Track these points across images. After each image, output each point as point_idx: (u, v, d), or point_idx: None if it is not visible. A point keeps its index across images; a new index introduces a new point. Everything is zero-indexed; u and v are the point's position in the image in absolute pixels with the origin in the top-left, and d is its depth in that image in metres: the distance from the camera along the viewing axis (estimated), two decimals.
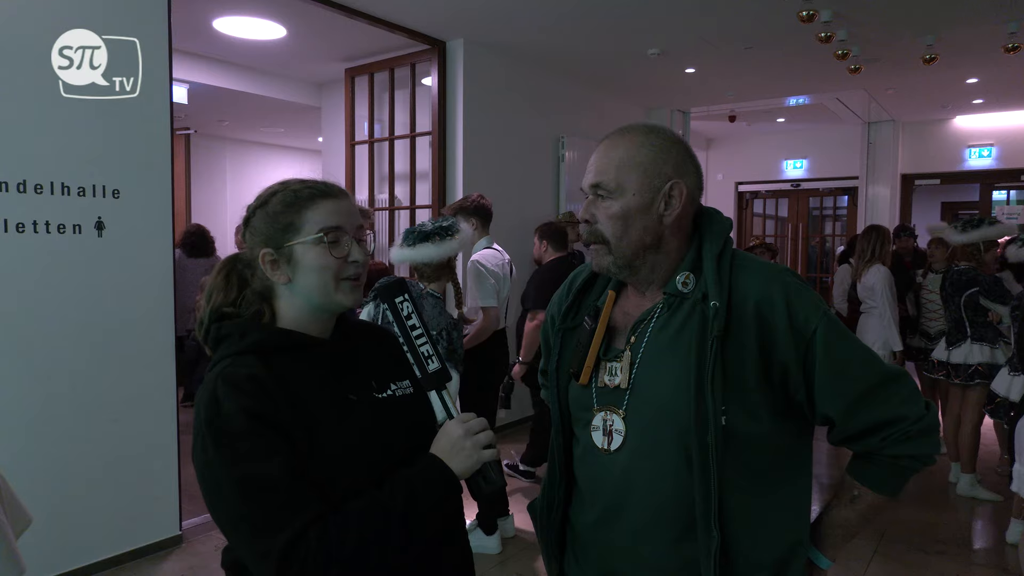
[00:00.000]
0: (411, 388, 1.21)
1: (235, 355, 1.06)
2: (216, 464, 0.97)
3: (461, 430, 1.08)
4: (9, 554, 1.63)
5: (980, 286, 4.02)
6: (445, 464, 1.06)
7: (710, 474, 1.03)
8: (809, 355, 1.06)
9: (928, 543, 3.50)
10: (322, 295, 1.10)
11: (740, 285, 1.09)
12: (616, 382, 1.13)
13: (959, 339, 4.17)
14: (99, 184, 3.04)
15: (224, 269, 1.17)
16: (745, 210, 9.98)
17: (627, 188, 1.12)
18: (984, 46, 5.08)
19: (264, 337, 1.09)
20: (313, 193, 1.12)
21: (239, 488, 0.96)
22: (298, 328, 1.11)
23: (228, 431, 0.97)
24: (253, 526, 0.95)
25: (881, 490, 1.13)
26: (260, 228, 1.11)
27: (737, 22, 4.60)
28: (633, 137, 1.15)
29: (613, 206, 1.12)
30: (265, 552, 0.94)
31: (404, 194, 5.40)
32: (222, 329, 1.10)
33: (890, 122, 8.22)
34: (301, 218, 1.09)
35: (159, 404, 3.31)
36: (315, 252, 1.09)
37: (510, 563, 3.26)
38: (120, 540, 3.17)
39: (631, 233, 1.12)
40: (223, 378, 1.02)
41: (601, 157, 1.15)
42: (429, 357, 1.11)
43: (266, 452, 0.97)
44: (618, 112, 6.68)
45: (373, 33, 4.66)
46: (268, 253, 1.10)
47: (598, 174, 1.14)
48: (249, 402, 0.99)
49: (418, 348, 1.11)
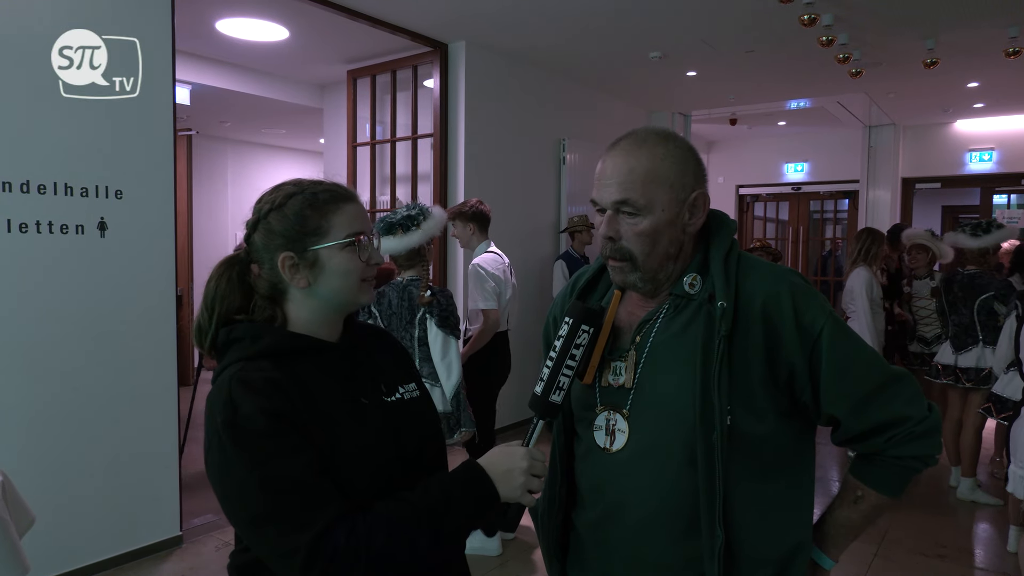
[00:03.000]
0: (417, 391, 1.21)
1: (247, 359, 1.05)
2: (237, 464, 0.96)
3: (525, 463, 1.05)
4: (14, 553, 1.64)
5: (995, 290, 4.03)
6: (492, 482, 1.04)
7: (715, 473, 1.04)
8: (815, 355, 1.07)
9: (929, 546, 3.50)
10: (347, 296, 1.11)
11: (747, 286, 1.09)
12: (621, 381, 1.14)
13: (969, 343, 4.15)
14: (102, 185, 3.05)
15: (225, 274, 1.13)
16: (746, 213, 9.99)
17: (656, 205, 1.08)
18: (985, 50, 5.09)
19: (278, 340, 1.08)
20: (334, 196, 1.11)
21: (263, 487, 0.95)
22: (309, 331, 1.11)
23: (248, 431, 0.97)
24: (278, 525, 0.95)
25: (884, 490, 1.13)
26: (278, 230, 1.09)
27: (738, 25, 4.61)
28: (653, 148, 1.10)
29: (642, 223, 1.09)
30: (292, 550, 0.93)
31: (405, 196, 5.40)
32: (233, 332, 1.08)
33: (891, 126, 8.22)
34: (328, 222, 1.09)
35: (160, 405, 3.31)
36: (343, 256, 1.08)
37: (511, 564, 3.26)
38: (120, 540, 3.18)
39: (659, 248, 1.11)
40: (237, 380, 1.00)
41: (622, 170, 1.09)
42: (560, 389, 1.09)
43: (288, 451, 0.97)
44: (619, 114, 6.69)
45: (375, 35, 4.67)
46: (289, 257, 1.08)
47: (623, 190, 1.08)
48: (267, 403, 0.98)
49: (559, 375, 1.09)
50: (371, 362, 1.18)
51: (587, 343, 1.10)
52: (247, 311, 1.12)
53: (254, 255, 1.13)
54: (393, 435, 1.10)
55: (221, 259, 1.16)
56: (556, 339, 1.11)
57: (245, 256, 1.14)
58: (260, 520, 0.96)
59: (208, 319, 1.11)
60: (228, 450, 0.97)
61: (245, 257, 1.14)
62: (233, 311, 1.12)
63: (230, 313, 1.11)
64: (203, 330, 1.11)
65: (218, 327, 1.10)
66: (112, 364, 3.12)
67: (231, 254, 1.17)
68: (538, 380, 1.11)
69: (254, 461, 0.96)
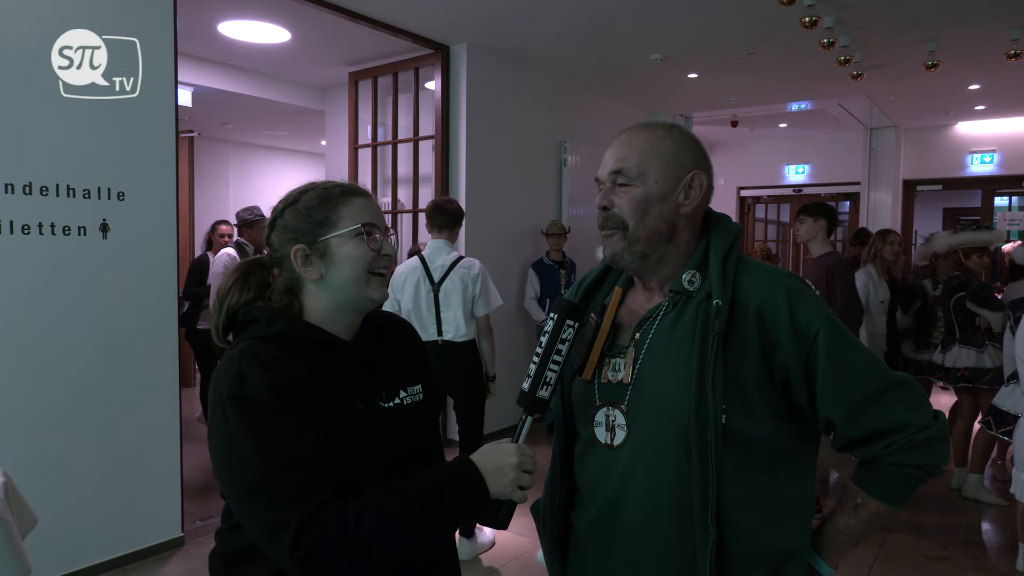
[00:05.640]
0: (421, 395, 1.22)
1: (259, 339, 1.06)
2: (239, 433, 0.98)
3: (515, 459, 1.07)
4: (17, 553, 1.64)
5: (968, 291, 4.10)
6: (482, 477, 1.05)
7: (709, 470, 1.04)
8: (811, 358, 1.06)
9: (930, 549, 3.50)
10: (355, 288, 1.11)
11: (744, 286, 1.10)
12: (619, 377, 1.14)
13: (949, 343, 4.28)
14: (104, 186, 3.05)
15: (242, 269, 1.17)
16: (747, 215, 9.99)
17: (649, 175, 1.13)
18: (986, 52, 5.09)
19: (291, 327, 1.09)
20: (345, 191, 1.14)
21: (263, 459, 0.96)
22: (323, 325, 1.12)
23: (255, 402, 0.98)
24: (272, 498, 0.96)
25: (884, 499, 1.11)
26: (291, 225, 1.12)
27: (739, 28, 4.61)
28: (655, 130, 1.16)
29: (633, 192, 1.13)
30: (282, 524, 0.94)
31: (407, 197, 5.42)
32: (251, 312, 1.10)
33: (892, 128, 8.22)
34: (336, 213, 1.11)
35: (162, 406, 3.31)
36: (351, 244, 1.10)
37: (510, 565, 3.26)
38: (122, 542, 3.18)
39: (648, 219, 1.13)
40: (248, 354, 1.02)
41: (622, 146, 1.15)
42: (547, 384, 1.10)
43: (291, 428, 0.98)
44: (621, 116, 6.69)
45: (377, 37, 4.68)
46: (301, 249, 1.10)
47: (619, 161, 1.14)
48: (276, 379, 1.00)
49: (546, 369, 1.10)
50: (378, 365, 1.18)
51: (572, 338, 1.11)
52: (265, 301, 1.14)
53: (274, 257, 1.15)
54: (385, 442, 1.11)
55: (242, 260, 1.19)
56: (542, 335, 1.13)
57: (268, 259, 1.17)
58: (255, 490, 0.97)
59: (218, 312, 1.13)
60: (231, 420, 0.98)
61: (268, 260, 1.17)
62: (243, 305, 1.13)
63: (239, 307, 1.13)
64: (214, 323, 1.14)
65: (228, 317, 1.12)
66: (114, 365, 3.13)
67: (255, 257, 1.20)
68: (525, 376, 1.12)
69: (256, 432, 0.97)
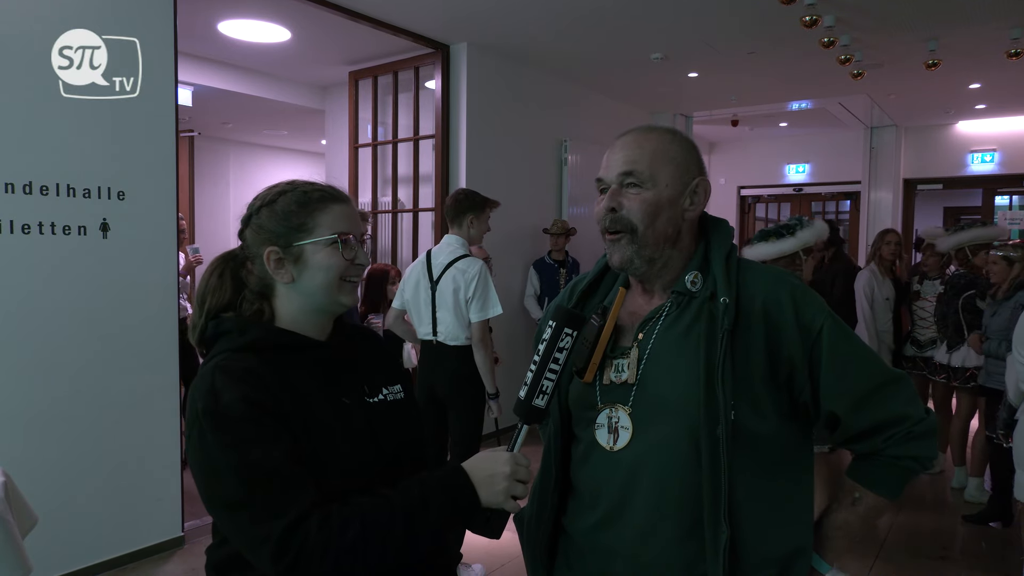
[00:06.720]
0: (402, 393, 1.21)
1: (233, 351, 1.06)
2: (215, 449, 0.97)
3: (508, 468, 1.05)
4: (16, 553, 1.64)
5: (977, 288, 4.06)
6: (473, 485, 1.04)
7: (720, 467, 1.04)
8: (815, 352, 1.08)
9: (930, 550, 3.50)
10: (326, 294, 1.11)
11: (748, 284, 1.11)
12: (623, 378, 1.14)
13: (959, 342, 4.20)
14: (104, 186, 3.05)
15: (217, 269, 1.16)
16: (747, 214, 9.98)
17: (660, 179, 1.13)
18: (987, 51, 5.08)
19: (264, 335, 1.09)
20: (324, 196, 1.13)
21: (239, 473, 0.96)
22: (296, 328, 1.12)
23: (228, 417, 0.98)
24: (252, 511, 0.95)
25: (882, 491, 1.15)
26: (267, 226, 1.11)
27: (740, 27, 4.61)
28: (662, 134, 1.18)
29: (645, 194, 1.13)
30: (264, 536, 0.93)
31: (407, 197, 5.42)
32: (221, 324, 1.10)
33: (892, 127, 8.21)
34: (314, 220, 1.10)
35: (162, 406, 3.31)
36: (326, 252, 1.10)
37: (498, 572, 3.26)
38: (122, 541, 3.18)
39: (658, 223, 1.14)
40: (221, 369, 1.02)
41: (631, 148, 1.15)
42: (544, 392, 1.08)
43: (266, 438, 0.97)
44: (621, 116, 6.69)
45: (377, 36, 4.67)
46: (274, 251, 1.10)
47: (630, 163, 1.14)
48: (248, 391, 0.99)
49: (542, 378, 1.08)
50: (356, 363, 1.18)
51: (570, 347, 1.08)
52: (236, 307, 1.14)
53: (247, 252, 1.15)
54: (372, 436, 1.10)
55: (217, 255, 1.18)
56: (539, 343, 1.11)
57: (241, 253, 1.16)
58: (234, 506, 0.97)
59: (199, 313, 1.13)
60: (207, 436, 0.98)
61: (241, 254, 1.16)
62: (223, 306, 1.13)
63: (220, 308, 1.13)
64: (194, 324, 1.13)
65: (207, 321, 1.12)
66: (114, 365, 3.13)
67: (228, 251, 1.19)
68: (522, 385, 1.10)
69: (231, 447, 0.97)
